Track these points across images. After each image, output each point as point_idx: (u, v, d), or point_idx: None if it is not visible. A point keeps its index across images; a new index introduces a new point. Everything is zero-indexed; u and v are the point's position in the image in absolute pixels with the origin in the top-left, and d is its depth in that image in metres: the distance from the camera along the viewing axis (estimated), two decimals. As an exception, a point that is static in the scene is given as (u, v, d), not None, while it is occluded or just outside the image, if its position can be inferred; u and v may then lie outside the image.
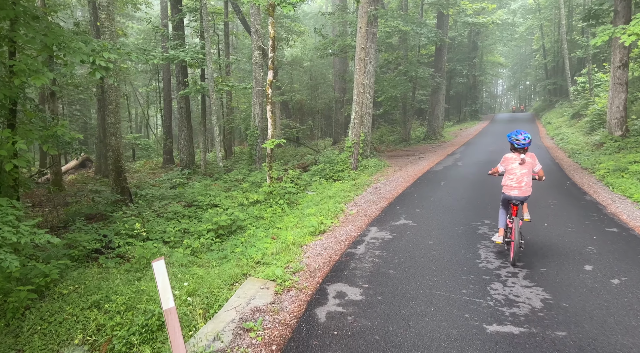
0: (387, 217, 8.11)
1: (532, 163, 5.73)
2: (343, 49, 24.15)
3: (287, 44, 33.46)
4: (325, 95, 35.68)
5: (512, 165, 5.74)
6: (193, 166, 20.94)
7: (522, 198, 5.67)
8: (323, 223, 8.05)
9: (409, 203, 9.28)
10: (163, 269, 3.32)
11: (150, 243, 7.19)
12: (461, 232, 6.90)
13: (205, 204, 11.21)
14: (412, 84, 26.08)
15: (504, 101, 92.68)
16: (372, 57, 17.65)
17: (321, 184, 13.60)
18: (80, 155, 21.80)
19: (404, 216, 8.03)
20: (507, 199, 5.82)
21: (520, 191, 5.66)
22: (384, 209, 8.80)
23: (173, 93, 26.81)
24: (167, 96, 26.52)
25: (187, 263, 6.94)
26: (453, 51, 38.95)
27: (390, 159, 19.18)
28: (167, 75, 26.69)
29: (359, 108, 15.13)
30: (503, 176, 5.96)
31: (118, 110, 11.88)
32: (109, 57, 6.40)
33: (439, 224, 7.44)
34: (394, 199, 9.89)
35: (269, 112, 11.81)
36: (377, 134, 31.04)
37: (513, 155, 5.76)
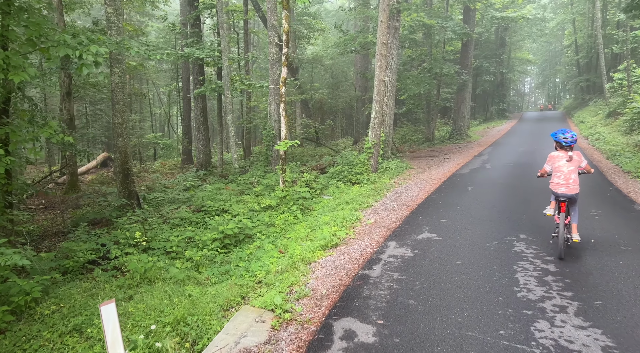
0: (408, 229, 7.26)
1: (579, 161, 5.92)
2: (364, 46, 23.25)
3: (307, 42, 32.77)
4: (346, 94, 34.81)
5: (559, 163, 5.94)
6: (209, 167, 20.42)
7: (569, 195, 5.82)
8: (336, 234, 7.26)
9: (433, 212, 8.39)
10: (113, 314, 2.61)
11: (145, 256, 6.53)
12: (494, 250, 6.00)
13: (214, 210, 10.56)
14: (436, 82, 24.98)
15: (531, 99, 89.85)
16: (394, 53, 16.73)
17: (338, 188, 12.81)
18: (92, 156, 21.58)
19: (427, 229, 7.16)
20: (555, 196, 5.99)
21: (567, 188, 5.83)
22: (405, 219, 7.94)
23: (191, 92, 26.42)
24: (186, 95, 26.11)
25: (184, 279, 6.25)
26: (479, 48, 37.52)
27: (412, 160, 18.22)
28: (186, 74, 26.28)
29: (380, 107, 14.25)
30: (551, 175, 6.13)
31: (125, 110, 11.33)
32: (98, 51, 5.75)
33: (467, 239, 6.55)
34: (416, 207, 9.01)
35: (282, 112, 11.08)
36: (399, 134, 30.02)
37: (559, 153, 5.98)
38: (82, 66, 5.70)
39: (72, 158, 18.15)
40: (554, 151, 6.12)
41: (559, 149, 6.00)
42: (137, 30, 25.60)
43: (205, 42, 19.39)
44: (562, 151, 5.93)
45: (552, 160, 6.03)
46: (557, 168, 5.94)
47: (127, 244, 8.08)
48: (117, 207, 10.64)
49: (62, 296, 5.91)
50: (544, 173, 6.23)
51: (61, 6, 17.53)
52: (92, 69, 5.75)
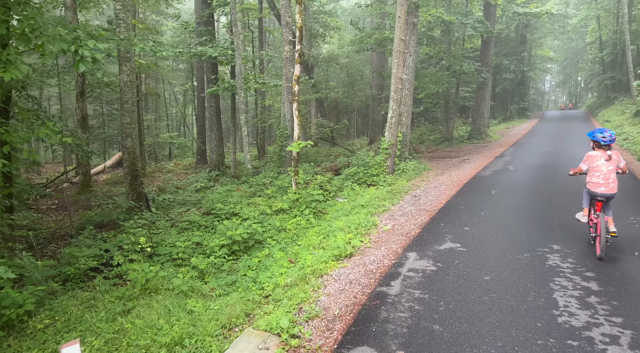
0: (428, 238, 6.71)
1: (617, 160, 5.83)
2: (381, 43, 22.63)
3: (323, 41, 32.27)
4: (362, 92, 34.21)
5: (597, 162, 5.84)
6: (223, 167, 20.09)
7: (608, 195, 5.74)
8: (351, 242, 6.75)
9: (455, 219, 7.82)
10: (78, 358, 2.16)
11: (146, 266, 6.12)
12: (525, 263, 5.42)
13: (224, 213, 10.14)
14: (455, 80, 24.24)
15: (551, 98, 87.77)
16: (412, 50, 16.12)
17: (353, 190, 12.29)
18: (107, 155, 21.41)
19: (449, 238, 6.60)
20: (593, 196, 5.89)
21: (607, 188, 5.74)
22: (425, 226, 7.39)
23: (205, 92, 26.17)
24: (200, 94, 25.82)
25: (187, 291, 5.82)
26: (499, 45, 36.54)
27: (431, 161, 17.59)
28: (201, 73, 26.00)
29: (397, 106, 13.68)
30: (587, 174, 6.04)
31: (134, 109, 11.00)
32: (96, 46, 5.34)
33: (495, 250, 5.98)
34: (436, 212, 8.45)
35: (295, 111, 10.61)
36: (416, 134, 29.32)
37: (597, 153, 5.89)
38: (79, 62, 5.30)
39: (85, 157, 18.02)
40: (591, 150, 6.07)
41: (597, 148, 5.94)
42: (151, 29, 25.44)
43: (219, 41, 19.03)
44: (601, 150, 5.87)
45: (589, 159, 5.95)
46: (595, 168, 5.85)
47: (131, 250, 7.70)
48: (125, 210, 10.31)
49: (58, 309, 5.53)
50: (578, 171, 6.15)
51: (74, 4, 17.37)
52: (89, 66, 5.35)
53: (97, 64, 5.51)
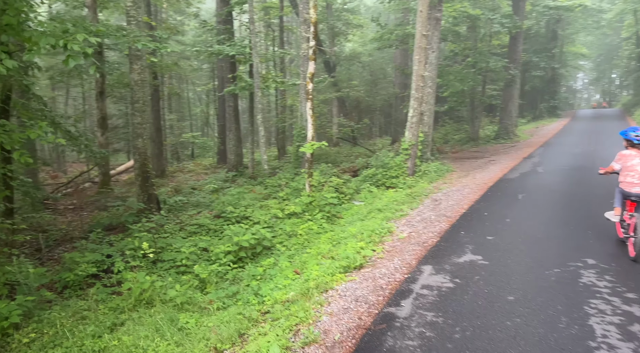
0: (447, 248, 6.14)
1: None
2: (403, 40, 21.96)
3: (345, 39, 31.73)
4: (385, 91, 33.50)
5: (631, 162, 5.73)
6: (241, 168, 19.81)
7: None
8: (362, 251, 6.24)
9: (478, 226, 7.20)
10: None
11: (142, 275, 5.75)
12: (555, 280, 4.81)
13: (234, 217, 9.76)
14: (481, 77, 23.36)
15: (584, 96, 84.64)
16: (435, 46, 15.44)
17: (371, 193, 11.75)
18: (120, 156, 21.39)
19: (470, 248, 6.01)
20: (627, 195, 5.75)
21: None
22: (444, 235, 6.81)
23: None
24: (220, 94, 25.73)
25: (184, 304, 5.43)
26: (528, 42, 35.15)
27: (455, 162, 16.86)
28: (222, 73, 25.84)
29: (418, 104, 13.06)
30: (619, 173, 5.91)
31: (145, 109, 10.74)
32: (87, 40, 5.00)
33: (520, 264, 5.37)
34: (457, 218, 7.84)
35: (309, 110, 10.15)
36: (440, 133, 28.46)
37: (632, 152, 5.80)
38: (69, 57, 4.96)
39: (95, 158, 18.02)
40: (624, 149, 5.98)
41: (630, 147, 5.87)
42: (172, 29, 25.43)
43: (238, 39, 18.75)
44: (635, 150, 5.80)
45: (623, 158, 5.87)
46: (629, 167, 5.75)
47: (133, 256, 7.39)
48: (135, 212, 10.05)
49: (48, 321, 5.22)
50: (610, 170, 6.06)
51: (94, 4, 17.37)
52: (79, 61, 5.00)
53: (88, 60, 5.16)
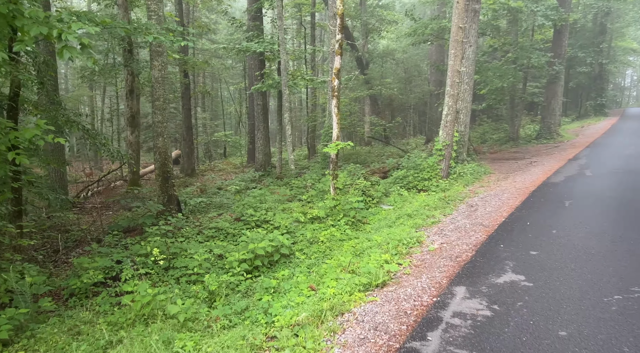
0: (484, 265, 5.38)
1: None
2: (439, 35, 20.97)
3: (378, 35, 30.90)
4: (420, 89, 32.48)
5: None
6: (269, 167, 19.40)
7: None
8: (386, 265, 5.57)
9: (519, 238, 6.39)
10: None
11: (145, 286, 5.29)
12: (617, 310, 4.00)
13: (254, 220, 9.26)
14: (522, 74, 22.04)
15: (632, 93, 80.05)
16: (473, 39, 14.48)
17: (401, 196, 11.03)
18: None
19: (511, 266, 5.24)
20: None
21: None
22: (481, 248, 6.04)
23: (253, 89, 25.71)
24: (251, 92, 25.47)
25: (187, 321, 4.92)
26: (574, 36, 33.21)
27: (493, 163, 15.83)
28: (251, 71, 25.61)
29: (454, 102, 12.20)
30: None
31: (166, 107, 10.40)
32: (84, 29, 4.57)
33: (572, 287, 4.57)
34: (495, 228, 7.04)
35: (334, 108, 9.53)
36: (477, 132, 27.23)
37: None
38: (63, 49, 4.53)
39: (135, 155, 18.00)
40: None
41: None
42: (202, 27, 25.35)
43: (266, 35, 18.32)
44: None
45: None
46: None
47: (144, 262, 6.99)
48: (153, 214, 9.72)
49: (41, 336, 4.83)
50: None
51: (126, 2, 17.34)
52: (75, 54, 4.58)
53: (86, 51, 4.73)
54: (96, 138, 8.63)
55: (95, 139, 8.66)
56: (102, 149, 8.98)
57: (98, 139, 8.59)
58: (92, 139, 8.76)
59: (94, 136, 8.70)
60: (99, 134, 8.60)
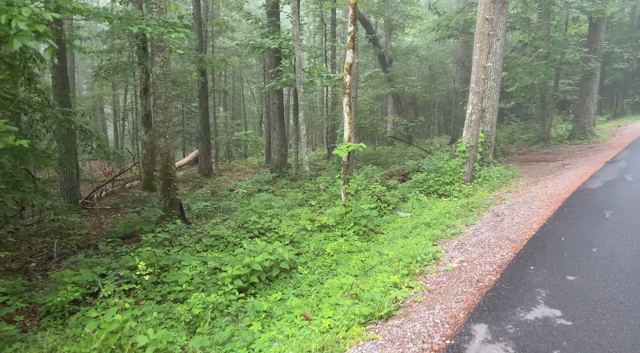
0: (510, 292, 4.51)
1: None
2: (464, 29, 19.87)
3: (401, 32, 29.89)
4: (445, 87, 31.31)
5: None
6: (284, 168, 18.73)
7: None
8: (395, 291, 4.76)
9: (553, 258, 5.47)
10: None
11: (112, 311, 4.62)
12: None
13: (257, 228, 8.56)
14: (554, 70, 20.72)
15: (672, 90, 76.05)
16: (501, 32, 13.44)
17: (419, 202, 10.16)
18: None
19: (543, 296, 4.36)
20: None
21: None
22: (507, 270, 5.16)
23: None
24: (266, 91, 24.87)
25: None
26: (610, 31, 31.36)
27: (521, 165, 14.74)
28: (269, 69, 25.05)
29: (479, 100, 11.23)
30: None
31: (168, 105, 9.81)
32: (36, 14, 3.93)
33: (622, 328, 3.68)
34: (524, 244, 6.13)
35: (345, 107, 8.74)
36: (505, 132, 25.94)
37: None
38: (14, 37, 3.91)
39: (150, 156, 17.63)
40: None
41: None
42: (221, 24, 24.91)
43: (282, 31, 17.63)
44: None
45: None
46: None
47: (128, 277, 6.37)
48: (152, 219, 9.14)
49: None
50: None
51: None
52: (27, 41, 3.94)
53: (41, 41, 4.09)
54: (91, 139, 8.09)
55: (90, 139, 8.12)
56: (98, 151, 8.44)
57: (93, 139, 8.04)
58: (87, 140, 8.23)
59: (89, 136, 8.16)
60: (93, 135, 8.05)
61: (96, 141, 8.29)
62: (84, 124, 8.01)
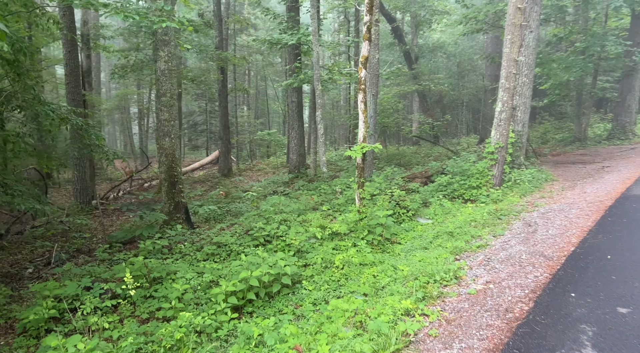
0: (547, 330, 3.69)
1: None
2: (494, 23, 18.77)
3: (428, 27, 28.84)
4: (473, 84, 30.03)
5: None
6: (303, 169, 18.09)
7: None
8: (402, 324, 4.00)
9: (599, 283, 4.59)
10: None
11: (75, 339, 4.02)
12: None
13: (263, 236, 7.91)
14: (592, 66, 19.34)
15: None
16: (534, 24, 12.39)
17: (443, 207, 9.33)
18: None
19: (590, 335, 3.52)
20: None
21: None
22: (542, 297, 4.33)
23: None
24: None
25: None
26: (654, 23, 29.40)
27: (556, 168, 13.65)
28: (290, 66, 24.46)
29: (509, 97, 10.29)
30: None
31: (173, 103, 9.28)
32: None
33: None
34: (562, 262, 5.25)
35: (360, 104, 7.99)
36: (537, 132, 24.60)
37: None
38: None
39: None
40: None
41: None
42: (241, 21, 24.47)
43: (301, 27, 16.97)
44: None
45: None
46: None
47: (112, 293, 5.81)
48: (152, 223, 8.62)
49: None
50: None
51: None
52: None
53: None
54: (87, 137, 7.59)
55: (86, 138, 7.63)
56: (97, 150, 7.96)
57: (89, 138, 7.54)
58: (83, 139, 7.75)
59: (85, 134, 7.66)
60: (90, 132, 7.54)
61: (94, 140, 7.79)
62: (84, 123, 7.52)
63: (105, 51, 20.04)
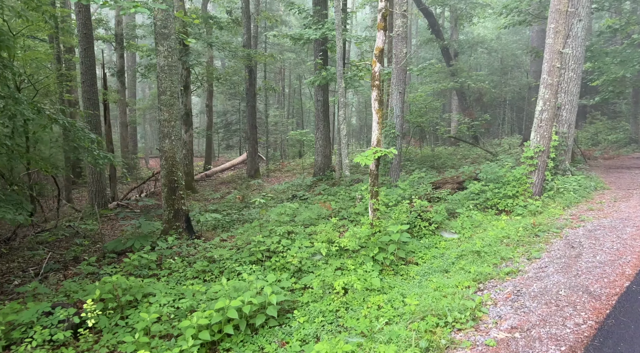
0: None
1: None
2: (539, 14, 17.14)
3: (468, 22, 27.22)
4: (516, 81, 28.11)
5: None
6: (327, 171, 17.19)
7: None
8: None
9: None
10: None
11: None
12: None
13: (261, 251, 7.06)
14: (652, 58, 17.35)
15: None
16: (583, 11, 10.94)
17: (471, 219, 8.18)
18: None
19: None
20: None
21: None
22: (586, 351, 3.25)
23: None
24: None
25: None
26: None
27: (607, 173, 12.11)
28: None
29: (552, 94, 8.98)
30: None
31: (174, 102, 8.59)
32: None
33: None
34: (612, 304, 4.10)
35: (374, 103, 6.99)
36: (587, 133, 22.58)
37: None
38: None
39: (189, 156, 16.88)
40: None
41: None
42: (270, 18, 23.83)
43: (326, 22, 16.06)
44: None
45: None
46: None
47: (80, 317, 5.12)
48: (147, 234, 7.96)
49: None
50: None
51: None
52: None
53: None
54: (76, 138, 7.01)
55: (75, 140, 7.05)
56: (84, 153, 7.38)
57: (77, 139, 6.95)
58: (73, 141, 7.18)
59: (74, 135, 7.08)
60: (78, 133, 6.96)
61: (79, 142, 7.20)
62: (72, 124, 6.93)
63: (139, 50, 19.93)
